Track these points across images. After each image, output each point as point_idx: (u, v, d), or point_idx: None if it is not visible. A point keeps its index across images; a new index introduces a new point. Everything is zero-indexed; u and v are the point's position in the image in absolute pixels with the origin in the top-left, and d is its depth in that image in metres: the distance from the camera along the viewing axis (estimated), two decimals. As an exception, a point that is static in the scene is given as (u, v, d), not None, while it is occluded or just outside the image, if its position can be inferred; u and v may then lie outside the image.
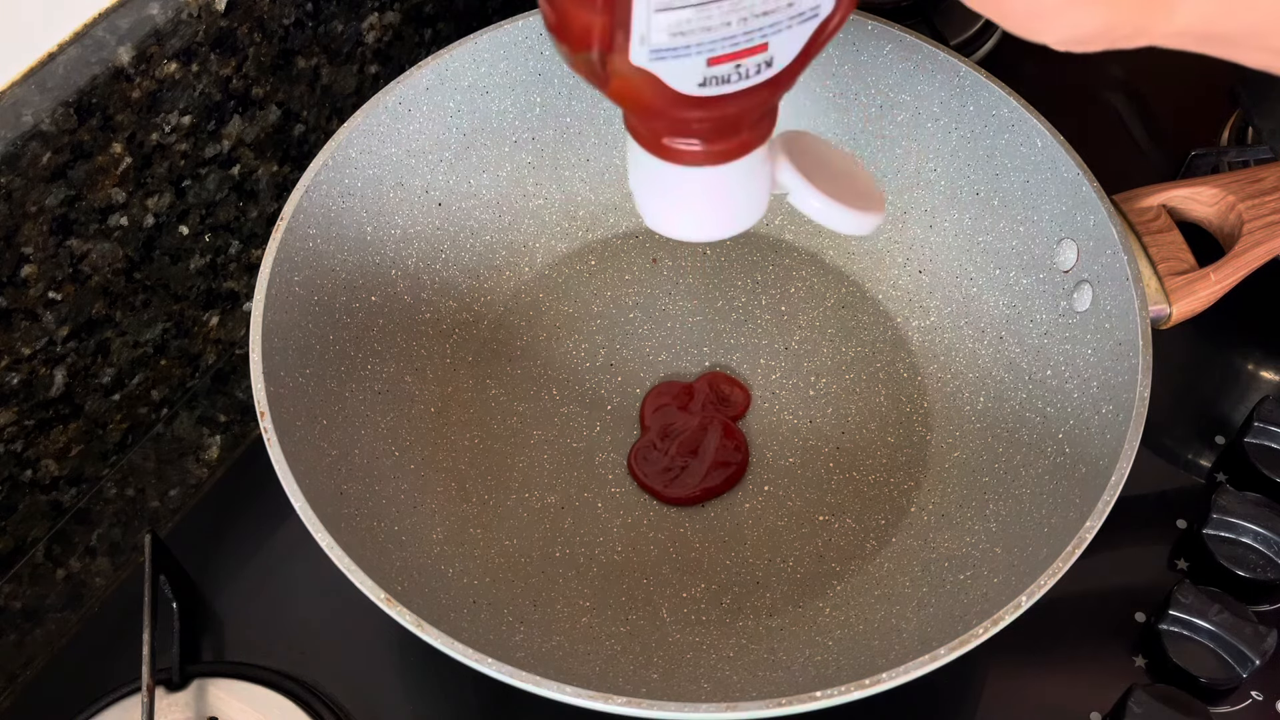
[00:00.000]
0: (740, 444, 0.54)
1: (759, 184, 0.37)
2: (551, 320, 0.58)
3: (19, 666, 0.52)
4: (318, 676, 0.51)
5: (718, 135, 0.34)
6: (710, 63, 0.31)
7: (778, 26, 0.31)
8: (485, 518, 0.53)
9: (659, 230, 0.38)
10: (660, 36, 0.30)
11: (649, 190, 0.37)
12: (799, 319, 0.59)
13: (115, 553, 0.55)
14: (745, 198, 0.37)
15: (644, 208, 0.38)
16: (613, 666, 0.48)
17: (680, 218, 0.37)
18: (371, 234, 0.54)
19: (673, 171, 0.35)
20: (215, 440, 0.58)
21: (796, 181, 0.37)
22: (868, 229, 0.38)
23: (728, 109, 0.33)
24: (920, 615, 0.47)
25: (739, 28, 0.30)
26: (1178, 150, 0.65)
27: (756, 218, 0.37)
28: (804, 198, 0.37)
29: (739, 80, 0.32)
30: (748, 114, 0.34)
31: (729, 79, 0.31)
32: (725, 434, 0.54)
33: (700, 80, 0.31)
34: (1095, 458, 0.46)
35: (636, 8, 0.29)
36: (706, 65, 0.31)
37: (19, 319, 0.50)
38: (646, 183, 0.37)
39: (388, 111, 0.54)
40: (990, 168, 0.55)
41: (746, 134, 0.35)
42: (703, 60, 0.31)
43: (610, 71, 0.31)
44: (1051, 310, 0.53)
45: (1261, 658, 0.48)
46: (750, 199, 0.37)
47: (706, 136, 0.34)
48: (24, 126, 0.46)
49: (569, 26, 0.30)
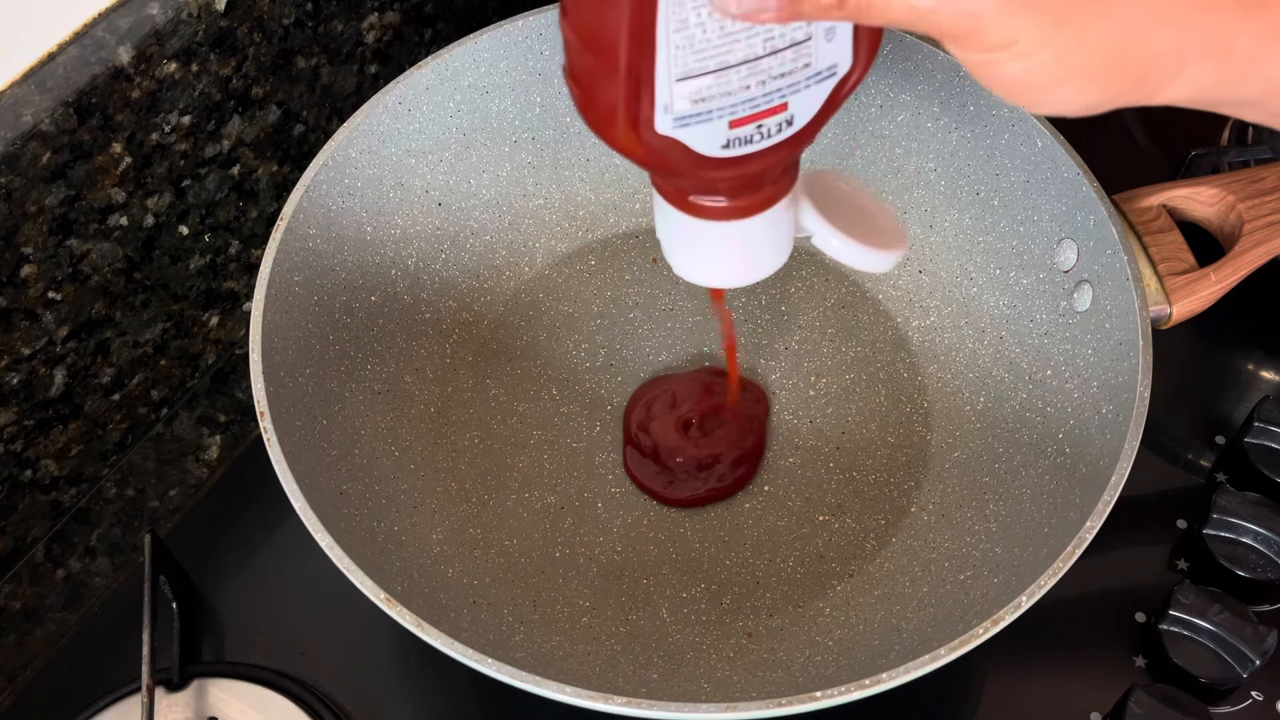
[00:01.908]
0: (753, 450, 0.54)
1: (783, 231, 0.38)
2: (551, 320, 0.58)
3: (19, 666, 0.52)
4: (317, 676, 0.51)
5: (743, 192, 0.36)
6: (732, 125, 0.32)
7: (796, 87, 0.32)
8: (485, 518, 0.53)
9: (688, 279, 0.40)
10: (683, 104, 0.31)
11: (677, 243, 0.39)
12: (799, 319, 0.59)
13: (115, 553, 0.55)
14: (771, 246, 0.38)
15: (673, 259, 0.39)
16: (613, 666, 0.48)
17: (709, 268, 0.39)
18: (371, 234, 0.54)
19: (700, 226, 0.37)
20: (215, 440, 0.58)
21: (818, 224, 0.38)
22: (889, 266, 0.39)
23: (752, 167, 0.34)
24: (920, 615, 0.47)
25: (758, 90, 0.32)
26: (1178, 150, 0.65)
27: (783, 261, 0.39)
28: (826, 239, 0.38)
29: (761, 140, 0.33)
30: (771, 170, 0.35)
31: (752, 139, 0.33)
32: (741, 436, 0.54)
33: (724, 142, 0.32)
34: (1095, 458, 0.46)
35: (659, 79, 0.30)
36: (729, 128, 0.32)
37: (19, 319, 0.50)
38: (675, 236, 0.38)
39: (388, 111, 0.54)
40: (990, 168, 0.55)
41: (770, 188, 0.36)
42: (725, 123, 0.32)
43: (638, 142, 0.32)
44: (1052, 310, 0.53)
45: (1262, 658, 0.48)
46: (775, 246, 0.38)
47: (732, 193, 0.35)
48: (24, 126, 0.46)
49: (596, 105, 0.32)
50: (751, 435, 0.54)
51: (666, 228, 0.38)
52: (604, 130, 0.32)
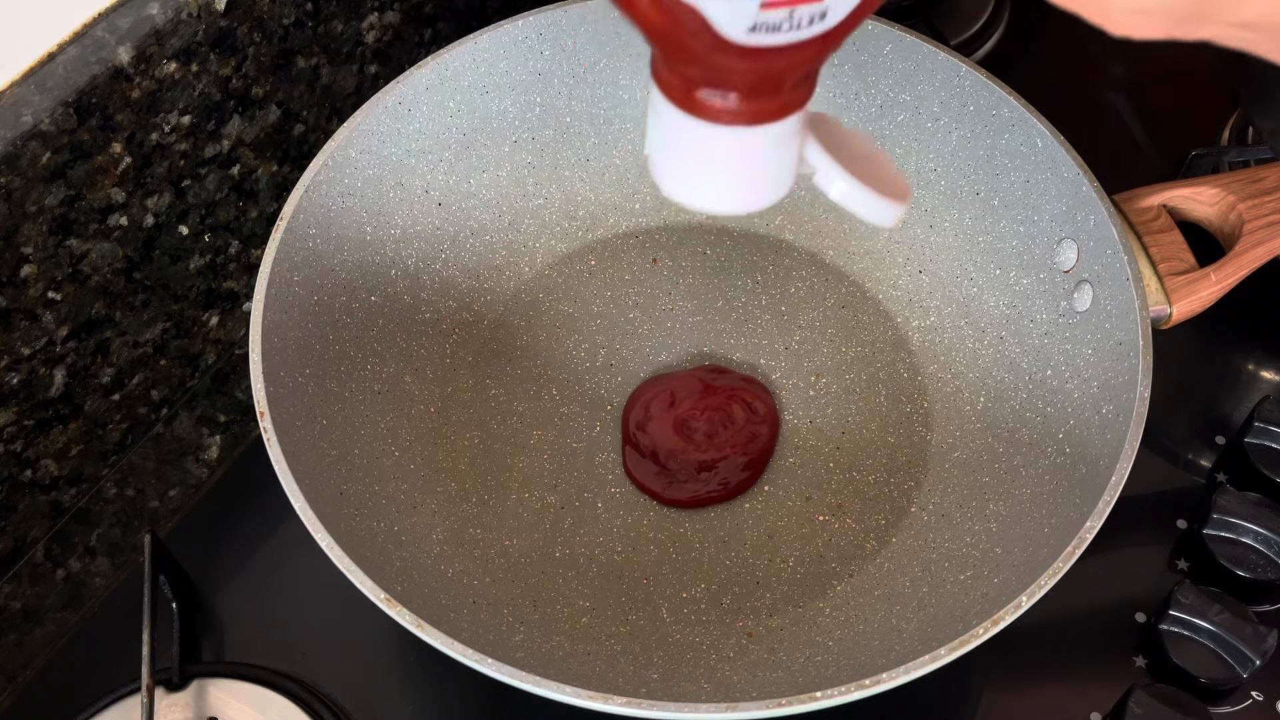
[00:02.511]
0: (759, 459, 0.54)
1: (789, 156, 0.34)
2: (551, 320, 0.58)
3: (19, 667, 0.52)
4: (317, 677, 0.51)
5: (757, 92, 0.32)
6: (764, 6, 0.29)
7: None
8: (485, 518, 0.53)
9: (677, 199, 0.35)
10: None
11: (672, 151, 0.34)
12: (799, 319, 0.59)
13: (115, 553, 0.55)
14: (775, 169, 0.34)
15: (663, 173, 0.35)
16: (613, 667, 0.48)
17: (704, 184, 0.34)
18: (371, 234, 0.54)
19: (702, 130, 0.33)
20: (215, 440, 0.58)
21: (824, 161, 0.35)
22: (893, 218, 0.36)
23: (773, 61, 0.30)
24: (920, 615, 0.47)
25: None
26: (1178, 150, 0.65)
27: (783, 193, 0.35)
28: (830, 179, 0.35)
29: (790, 30, 0.29)
30: (791, 72, 0.32)
31: (780, 27, 0.29)
32: (749, 442, 0.54)
33: (750, 25, 0.29)
34: (1095, 458, 0.46)
35: None
36: (759, 9, 0.29)
37: (19, 319, 0.50)
38: (670, 143, 0.34)
39: (387, 111, 0.54)
40: (990, 168, 0.55)
41: (787, 95, 0.32)
42: (756, 2, 0.28)
43: (655, 5, 0.29)
44: (1052, 310, 0.53)
45: (1262, 658, 0.48)
46: (779, 171, 0.34)
47: (746, 92, 0.32)
48: (24, 126, 0.46)
49: None
50: (757, 442, 0.54)
51: (659, 131, 0.34)
52: None
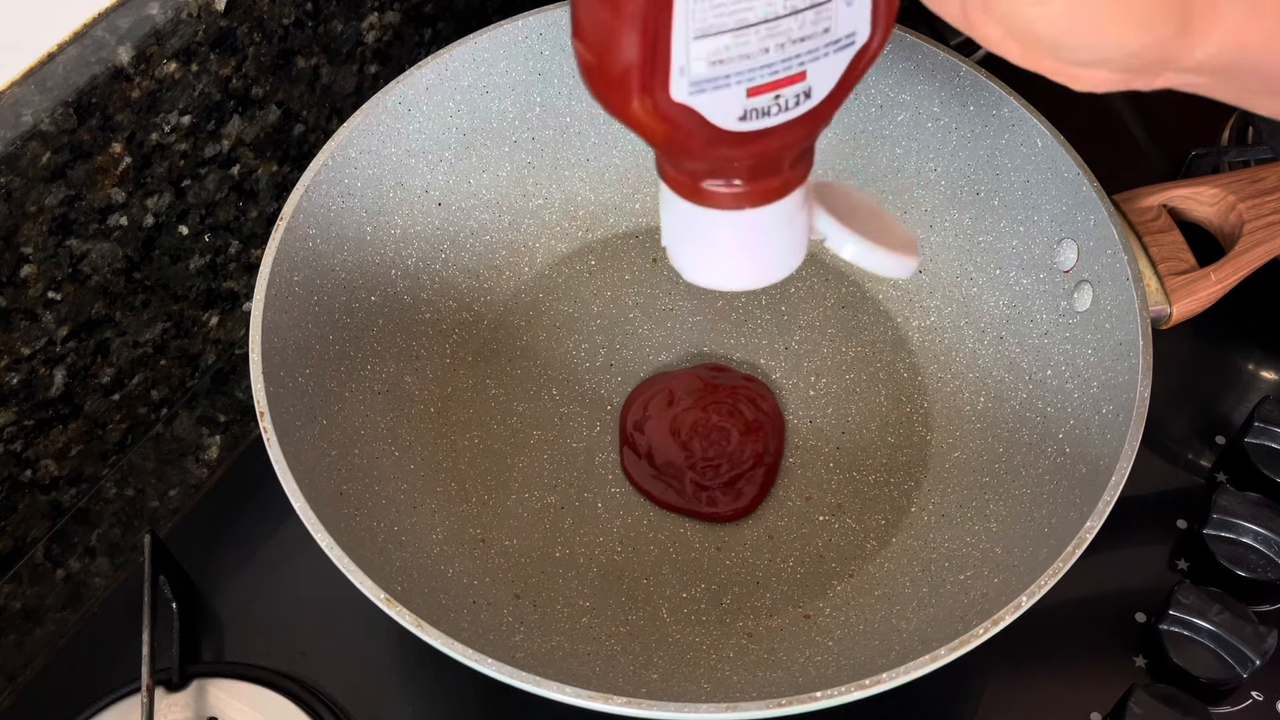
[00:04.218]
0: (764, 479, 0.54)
1: (798, 228, 0.36)
2: (551, 320, 0.58)
3: (19, 667, 0.52)
4: (317, 677, 0.51)
5: (758, 175, 0.34)
6: (750, 93, 0.31)
7: (815, 54, 0.31)
8: (485, 518, 0.53)
9: (698, 283, 0.37)
10: (700, 66, 0.30)
11: (686, 240, 0.37)
12: (799, 319, 0.59)
13: (115, 553, 0.55)
14: (785, 243, 0.36)
15: (681, 260, 0.37)
16: (613, 667, 0.48)
17: (721, 267, 0.37)
18: (371, 234, 0.54)
19: (712, 218, 0.35)
20: (215, 440, 0.58)
21: (833, 227, 0.37)
22: (907, 271, 0.38)
23: (768, 144, 0.33)
24: (920, 615, 0.47)
25: (777, 55, 0.31)
26: (1178, 150, 0.65)
27: (796, 264, 0.37)
28: (841, 242, 0.37)
29: (779, 113, 0.32)
30: (788, 150, 0.34)
31: (769, 111, 0.32)
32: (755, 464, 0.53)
33: (740, 113, 0.31)
34: (1095, 458, 0.46)
35: (675, 37, 0.29)
36: (746, 96, 0.31)
37: (18, 319, 0.50)
38: (682, 232, 0.36)
39: (387, 111, 0.54)
40: (990, 168, 0.55)
41: (787, 173, 0.34)
42: (742, 91, 0.31)
43: (652, 110, 0.31)
44: (1052, 310, 0.53)
45: (1262, 658, 0.48)
46: (790, 244, 0.37)
47: (747, 176, 0.34)
48: (24, 126, 0.46)
49: (607, 69, 0.31)
50: (752, 483, 0.53)
51: (673, 223, 0.37)
52: (614, 98, 0.31)
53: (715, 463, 0.53)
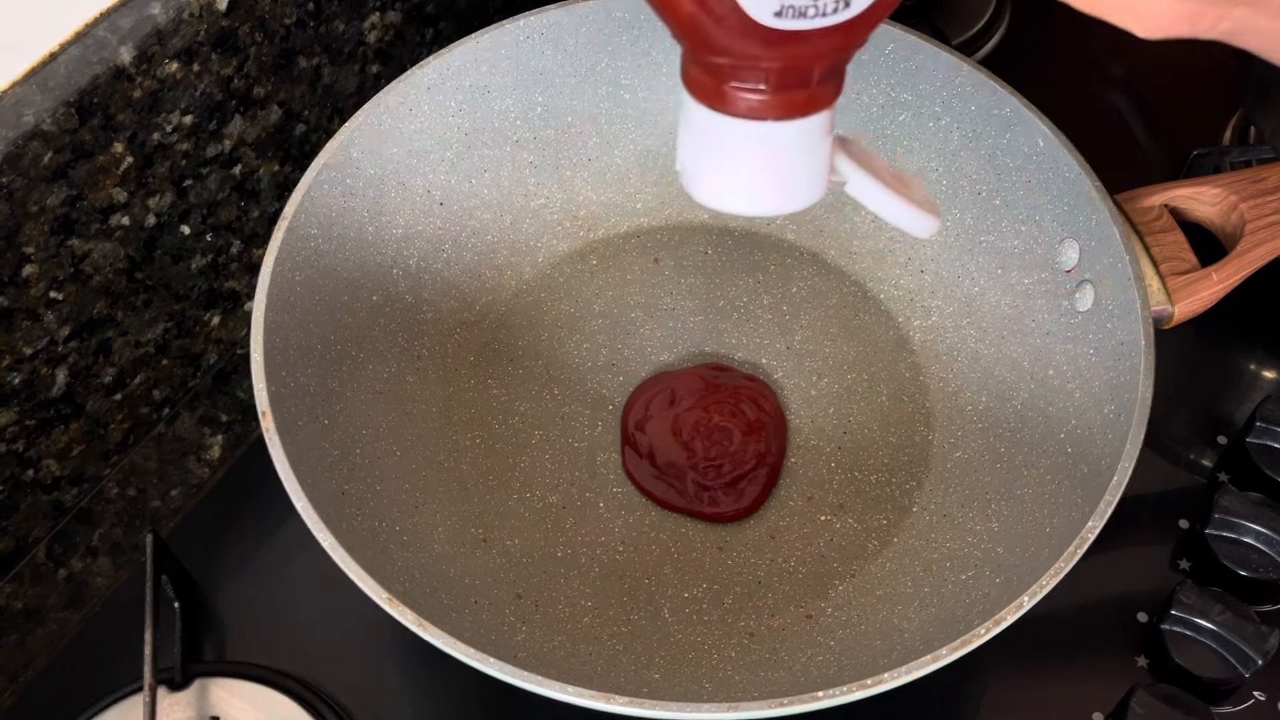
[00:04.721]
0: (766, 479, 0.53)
1: (819, 159, 0.35)
2: (553, 320, 0.58)
3: (21, 666, 0.52)
4: (319, 676, 0.51)
5: (785, 83, 0.33)
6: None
7: None
8: (487, 517, 0.53)
9: (710, 204, 0.36)
10: None
11: (703, 154, 0.35)
12: (801, 318, 0.59)
13: (117, 552, 0.55)
14: (805, 170, 0.35)
15: (695, 179, 0.36)
16: (614, 666, 0.48)
17: (736, 186, 0.35)
18: (373, 234, 0.54)
19: (732, 128, 0.33)
20: (217, 440, 0.58)
21: (856, 172, 0.36)
22: (929, 229, 0.37)
23: (800, 49, 0.31)
24: (922, 615, 0.47)
25: None
26: (1180, 150, 0.65)
27: (814, 198, 0.35)
28: (862, 187, 0.36)
29: (815, 16, 0.30)
30: (818, 61, 0.33)
31: (806, 12, 0.30)
32: (757, 464, 0.53)
33: (777, 8, 0.30)
34: (1097, 458, 0.46)
35: None
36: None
37: (20, 319, 0.50)
38: (701, 146, 0.35)
39: (389, 111, 0.54)
40: (992, 167, 0.55)
41: (814, 88, 0.33)
42: None
43: None
44: (1053, 310, 0.53)
45: (1264, 657, 0.48)
46: (809, 174, 0.35)
47: (774, 82, 0.33)
48: (25, 126, 0.46)
49: None
50: (754, 484, 0.53)
51: (690, 138, 0.35)
52: None
53: (717, 462, 0.53)
